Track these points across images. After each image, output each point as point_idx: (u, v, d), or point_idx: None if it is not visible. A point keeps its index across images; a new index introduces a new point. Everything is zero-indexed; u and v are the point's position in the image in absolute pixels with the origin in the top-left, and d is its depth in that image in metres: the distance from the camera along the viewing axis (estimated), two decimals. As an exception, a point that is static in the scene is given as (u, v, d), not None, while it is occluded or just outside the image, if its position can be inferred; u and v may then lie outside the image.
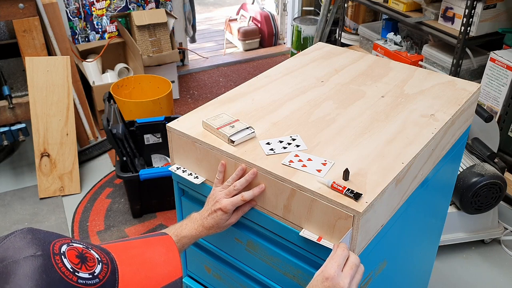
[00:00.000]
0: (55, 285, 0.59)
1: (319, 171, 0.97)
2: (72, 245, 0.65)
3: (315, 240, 0.94)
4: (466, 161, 2.07)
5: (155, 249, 0.73)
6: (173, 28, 3.63)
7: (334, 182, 0.91)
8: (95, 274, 0.63)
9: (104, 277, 0.64)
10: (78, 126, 2.85)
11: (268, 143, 1.06)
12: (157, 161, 2.69)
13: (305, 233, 0.95)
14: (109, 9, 3.50)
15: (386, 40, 3.03)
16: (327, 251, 0.90)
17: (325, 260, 0.88)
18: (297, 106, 1.23)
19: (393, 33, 3.01)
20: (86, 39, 3.52)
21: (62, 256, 0.62)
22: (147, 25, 3.28)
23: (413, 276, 1.60)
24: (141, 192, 2.43)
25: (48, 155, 2.62)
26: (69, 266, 0.62)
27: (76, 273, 0.62)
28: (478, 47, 2.65)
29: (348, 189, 0.89)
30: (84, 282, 0.61)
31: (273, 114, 1.19)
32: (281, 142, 1.07)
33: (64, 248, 0.64)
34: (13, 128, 2.70)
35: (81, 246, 0.66)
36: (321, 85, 1.34)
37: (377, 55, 2.92)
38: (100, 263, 0.65)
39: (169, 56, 3.38)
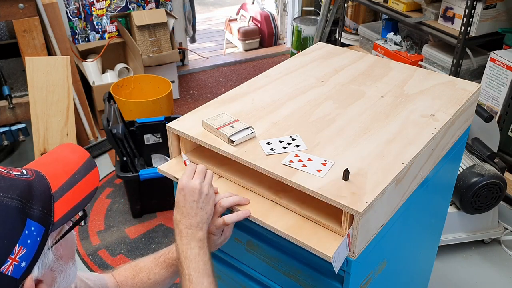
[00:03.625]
0: None
1: (319, 171, 0.97)
2: None
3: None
4: (466, 161, 2.07)
5: (60, 150, 0.84)
6: (173, 28, 3.63)
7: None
8: (24, 173, 0.73)
9: (32, 174, 0.74)
10: (78, 126, 2.85)
11: (268, 143, 1.06)
12: (157, 161, 2.69)
13: (305, 233, 0.95)
14: (109, 9, 3.50)
15: (386, 40, 3.03)
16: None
17: (324, 261, 0.88)
18: (297, 106, 1.23)
19: (393, 33, 3.01)
20: (86, 39, 3.52)
21: None
22: (147, 25, 3.28)
23: (413, 276, 1.60)
24: (141, 192, 2.43)
25: (48, 155, 2.62)
26: (1, 170, 0.71)
27: (10, 172, 0.72)
28: (478, 47, 2.65)
29: None
30: (21, 176, 0.72)
31: (273, 114, 1.19)
32: (281, 142, 1.07)
33: None
34: (13, 128, 2.70)
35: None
36: (321, 85, 1.34)
37: (377, 55, 2.92)
38: (24, 169, 0.75)
39: (169, 56, 3.38)
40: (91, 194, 0.77)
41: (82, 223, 0.79)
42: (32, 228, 0.68)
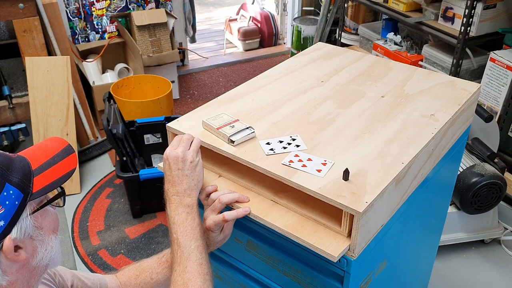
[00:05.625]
0: None
1: (319, 171, 0.97)
2: None
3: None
4: (466, 161, 2.07)
5: (41, 142, 0.89)
6: (173, 28, 3.63)
7: None
8: (7, 153, 0.79)
9: (15, 154, 0.80)
10: (78, 126, 2.85)
11: (268, 143, 1.06)
12: (157, 161, 2.69)
13: (305, 233, 0.95)
14: (109, 9, 3.50)
15: (386, 40, 3.03)
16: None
17: (325, 260, 0.88)
18: (297, 106, 1.23)
19: (393, 33, 3.01)
20: (86, 39, 3.52)
21: None
22: (147, 25, 3.28)
23: (413, 276, 1.60)
24: (141, 192, 2.43)
25: (48, 155, 2.62)
26: None
27: None
28: (478, 47, 2.65)
29: None
30: (3, 152, 0.77)
31: (273, 114, 1.19)
32: (281, 142, 1.07)
33: None
34: (13, 128, 2.70)
35: None
36: (321, 85, 1.34)
37: (377, 55, 2.92)
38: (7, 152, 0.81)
39: (169, 56, 3.38)
40: (69, 173, 0.83)
41: (61, 202, 0.84)
42: (11, 192, 0.73)
